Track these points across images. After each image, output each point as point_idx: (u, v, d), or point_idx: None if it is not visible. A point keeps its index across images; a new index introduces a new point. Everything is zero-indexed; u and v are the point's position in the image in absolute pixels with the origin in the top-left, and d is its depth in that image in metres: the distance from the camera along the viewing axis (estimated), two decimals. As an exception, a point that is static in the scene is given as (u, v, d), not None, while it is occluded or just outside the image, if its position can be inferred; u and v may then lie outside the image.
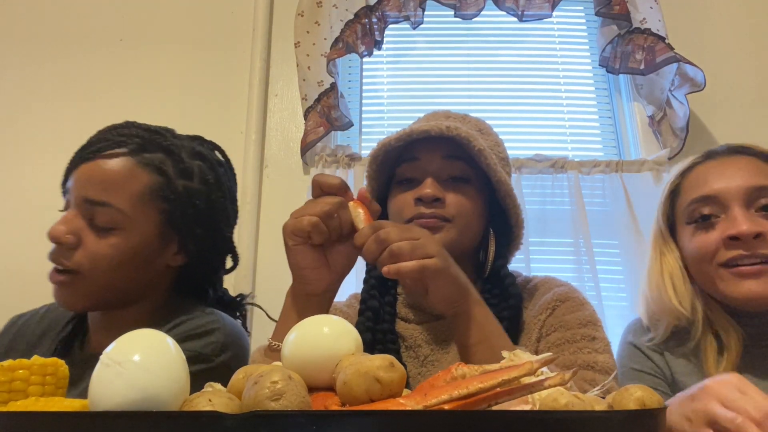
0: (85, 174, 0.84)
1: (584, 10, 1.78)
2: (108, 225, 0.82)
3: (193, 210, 0.89)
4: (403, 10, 1.61)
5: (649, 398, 0.38)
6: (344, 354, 0.45)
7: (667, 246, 0.95)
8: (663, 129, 1.56)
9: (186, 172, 0.89)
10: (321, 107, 1.53)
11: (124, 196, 0.83)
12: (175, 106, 1.63)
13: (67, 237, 0.81)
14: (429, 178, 0.85)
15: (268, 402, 0.35)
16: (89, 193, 0.82)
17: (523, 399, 0.40)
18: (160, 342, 0.41)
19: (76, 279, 0.82)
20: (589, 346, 0.81)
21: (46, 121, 1.61)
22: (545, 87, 1.72)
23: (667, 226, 0.96)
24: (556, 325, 0.85)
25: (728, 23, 1.69)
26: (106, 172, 0.83)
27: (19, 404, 0.41)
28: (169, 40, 1.70)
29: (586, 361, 0.79)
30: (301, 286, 0.74)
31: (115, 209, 0.82)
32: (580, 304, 0.87)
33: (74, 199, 0.84)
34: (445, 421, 0.35)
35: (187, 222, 0.88)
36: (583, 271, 1.46)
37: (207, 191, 0.91)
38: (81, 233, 0.82)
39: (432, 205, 0.84)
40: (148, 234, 0.85)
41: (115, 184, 0.83)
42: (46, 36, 1.70)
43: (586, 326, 0.83)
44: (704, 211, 0.88)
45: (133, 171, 0.85)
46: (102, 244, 0.82)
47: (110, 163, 0.84)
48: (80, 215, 0.83)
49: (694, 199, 0.90)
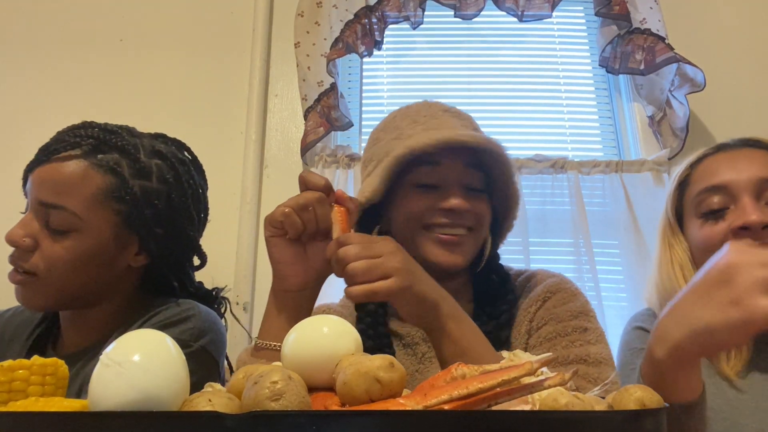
0: (40, 177, 0.84)
1: (584, 10, 1.78)
2: (62, 228, 0.82)
3: (152, 210, 0.88)
4: (403, 10, 1.61)
5: (649, 398, 0.38)
6: (344, 354, 0.45)
7: (675, 238, 0.94)
8: (663, 129, 1.56)
9: (143, 172, 0.88)
10: (321, 107, 1.53)
11: (78, 198, 0.83)
12: (175, 106, 1.63)
13: (24, 240, 0.82)
14: (456, 188, 0.84)
15: (268, 402, 0.35)
16: (43, 196, 0.83)
17: (523, 399, 0.40)
18: (160, 342, 0.41)
19: (34, 280, 0.83)
20: (581, 338, 0.80)
21: (46, 121, 1.61)
22: (545, 87, 1.72)
23: (675, 217, 0.95)
24: (546, 317, 0.84)
25: (728, 23, 1.69)
26: (60, 174, 0.83)
27: (19, 404, 0.41)
28: (169, 41, 1.70)
29: (579, 354, 0.78)
30: (279, 281, 0.74)
31: (68, 212, 0.82)
32: (572, 295, 0.86)
33: (31, 201, 0.85)
34: (445, 421, 0.35)
35: (146, 222, 0.87)
36: (583, 271, 1.46)
37: (167, 190, 0.90)
38: (37, 236, 0.83)
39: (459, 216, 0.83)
40: (104, 236, 0.85)
41: (68, 187, 0.83)
42: (46, 36, 1.70)
43: (577, 318, 0.82)
44: (713, 201, 0.87)
45: (87, 173, 0.84)
46: (57, 247, 0.82)
47: (64, 165, 0.84)
48: (36, 218, 0.84)
49: (703, 189, 0.89)
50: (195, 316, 0.88)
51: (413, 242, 0.84)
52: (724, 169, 0.88)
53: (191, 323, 0.86)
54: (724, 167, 0.88)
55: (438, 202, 0.83)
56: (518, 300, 0.87)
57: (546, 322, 0.84)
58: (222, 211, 1.52)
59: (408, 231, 0.85)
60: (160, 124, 1.60)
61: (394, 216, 0.87)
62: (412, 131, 0.86)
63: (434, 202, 0.84)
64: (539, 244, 1.51)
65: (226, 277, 1.47)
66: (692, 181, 0.93)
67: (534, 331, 0.84)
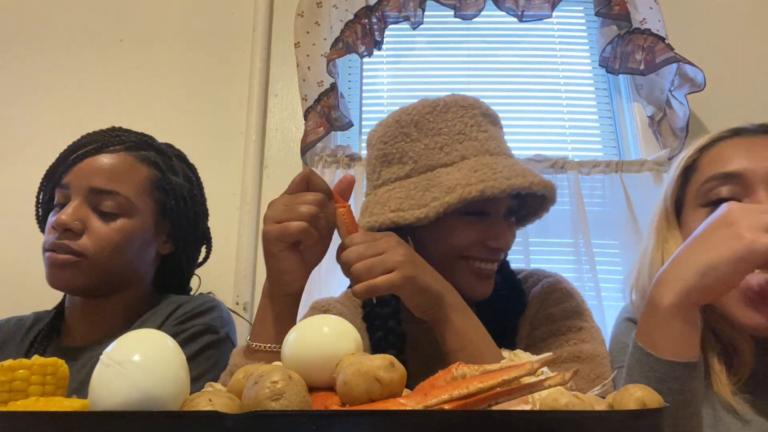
0: (90, 167, 0.93)
1: (584, 10, 1.77)
2: (114, 211, 0.92)
3: (182, 202, 1.01)
4: (403, 10, 1.61)
5: (649, 398, 0.38)
6: (344, 354, 0.45)
7: (670, 232, 0.84)
8: (663, 129, 1.56)
9: (173, 170, 1.02)
10: (321, 107, 1.53)
11: (129, 185, 0.93)
12: (175, 106, 1.63)
13: (75, 223, 0.89)
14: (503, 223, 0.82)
15: (269, 402, 0.35)
16: (96, 183, 0.91)
17: (523, 399, 0.40)
18: (160, 342, 0.41)
19: (80, 261, 0.89)
20: (576, 337, 0.80)
21: (45, 121, 1.61)
22: (545, 87, 1.72)
23: (674, 207, 0.85)
24: (543, 318, 0.84)
25: (728, 23, 1.69)
26: (112, 164, 0.94)
27: (19, 404, 0.41)
28: (169, 41, 1.70)
29: (572, 352, 0.79)
30: (279, 287, 0.73)
31: (122, 197, 0.92)
32: (568, 294, 0.86)
33: (78, 190, 0.92)
34: (445, 421, 0.35)
35: (178, 212, 0.99)
36: (582, 271, 1.46)
37: (189, 187, 1.04)
38: (86, 220, 0.90)
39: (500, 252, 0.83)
40: (147, 221, 0.95)
41: (120, 175, 0.93)
42: (46, 36, 1.70)
43: (572, 317, 0.83)
44: (723, 191, 0.77)
45: (134, 164, 0.96)
46: (107, 228, 0.91)
47: (113, 157, 0.94)
48: (85, 204, 0.91)
49: (713, 176, 0.78)
50: (219, 307, 0.99)
51: (448, 268, 0.80)
52: (740, 156, 0.77)
53: (217, 312, 0.97)
54: (740, 154, 0.78)
55: (486, 239, 0.80)
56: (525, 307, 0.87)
57: (542, 322, 0.84)
58: (222, 211, 1.52)
59: (444, 257, 0.81)
60: (160, 123, 1.61)
61: (429, 236, 0.82)
62: (464, 149, 0.81)
63: (482, 237, 0.80)
64: (539, 244, 1.51)
65: (226, 277, 1.47)
66: (700, 166, 0.82)
67: (531, 332, 0.84)
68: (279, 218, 0.70)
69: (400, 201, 0.80)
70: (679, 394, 0.62)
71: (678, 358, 0.62)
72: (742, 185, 0.76)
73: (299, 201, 0.69)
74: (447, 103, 0.87)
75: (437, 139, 0.82)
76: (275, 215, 0.70)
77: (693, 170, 0.83)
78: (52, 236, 0.90)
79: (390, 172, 0.84)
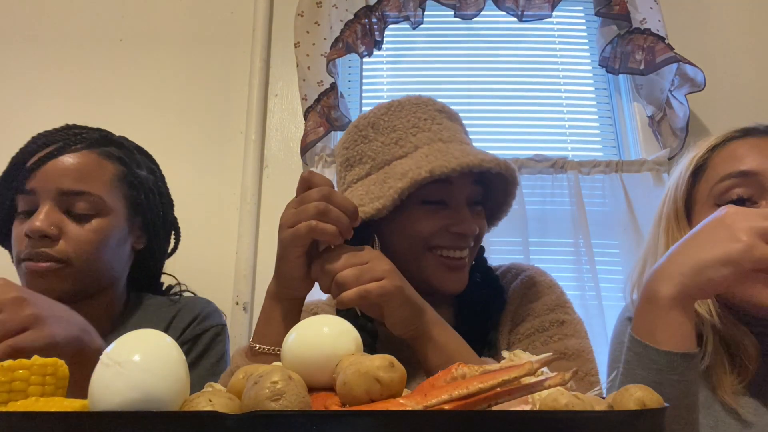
0: (56, 169, 0.89)
1: (584, 10, 1.78)
2: (88, 212, 0.89)
3: (151, 195, 0.99)
4: (402, 10, 1.61)
5: (649, 398, 0.38)
6: (344, 354, 0.45)
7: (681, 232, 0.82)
8: (663, 129, 1.56)
9: (137, 163, 1.00)
10: (321, 107, 1.53)
11: (98, 183, 0.91)
12: (175, 106, 1.63)
13: (51, 228, 0.86)
14: (465, 209, 0.81)
15: (268, 402, 0.35)
16: (65, 184, 0.88)
17: (523, 399, 0.40)
18: (160, 342, 0.41)
19: (62, 268, 0.86)
20: (559, 332, 0.80)
21: (45, 120, 1.61)
22: (545, 87, 1.72)
23: (684, 207, 0.84)
24: (524, 313, 0.83)
25: (728, 23, 1.69)
26: (78, 164, 0.90)
27: (19, 404, 0.41)
28: (169, 41, 1.70)
29: (558, 349, 0.78)
30: (287, 291, 0.73)
31: (93, 196, 0.89)
32: (547, 287, 0.86)
33: (46, 194, 0.88)
34: (445, 421, 0.35)
35: (147, 206, 0.98)
36: (582, 271, 1.46)
37: (154, 179, 1.02)
38: (61, 224, 0.87)
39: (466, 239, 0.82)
40: (120, 218, 0.94)
41: (89, 174, 0.90)
42: (46, 36, 1.70)
43: (554, 311, 0.82)
44: (738, 190, 0.76)
45: (100, 161, 0.93)
46: (83, 230, 0.88)
47: (77, 156, 0.91)
48: (56, 208, 0.88)
49: (727, 175, 0.78)
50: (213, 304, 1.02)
51: (416, 262, 0.81)
52: (755, 156, 0.77)
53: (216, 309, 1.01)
54: (755, 153, 0.77)
55: (449, 225, 0.80)
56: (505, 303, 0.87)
57: (524, 318, 0.83)
58: (222, 211, 1.53)
59: (411, 250, 0.81)
60: (160, 123, 1.61)
61: (394, 231, 0.82)
62: (417, 140, 0.82)
63: (444, 224, 0.80)
64: (539, 244, 1.51)
65: (226, 277, 1.47)
66: (712, 165, 0.82)
67: (514, 329, 0.84)
68: (290, 222, 0.68)
69: (361, 197, 0.80)
70: (677, 385, 0.63)
71: (677, 348, 0.63)
72: (757, 185, 0.76)
73: (305, 201, 0.68)
74: (401, 102, 0.88)
75: (392, 135, 0.83)
76: (287, 221, 0.69)
77: (704, 170, 0.83)
78: (25, 245, 0.86)
79: (352, 174, 0.86)
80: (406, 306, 0.68)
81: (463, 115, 0.95)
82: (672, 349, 0.63)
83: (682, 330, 0.63)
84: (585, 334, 0.83)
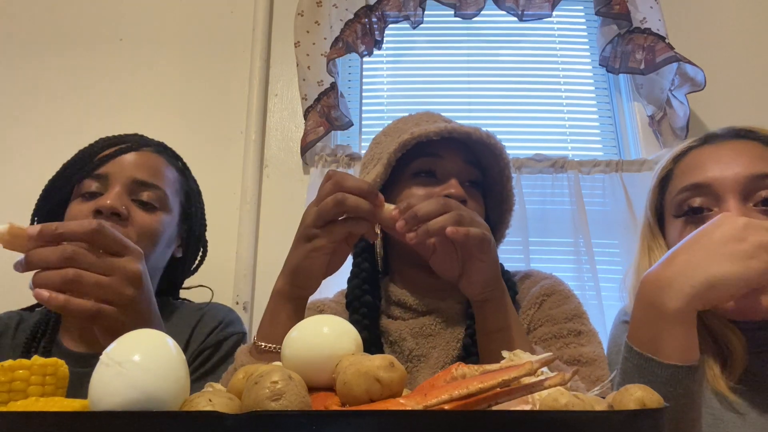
0: (132, 160, 0.94)
1: (584, 9, 1.77)
2: (155, 203, 0.93)
3: (198, 208, 1.05)
4: (402, 9, 1.61)
5: (649, 398, 0.38)
6: (344, 354, 0.45)
7: (655, 241, 0.85)
8: (663, 129, 1.56)
9: (192, 178, 1.06)
10: (321, 107, 1.53)
11: (166, 182, 0.97)
12: (174, 105, 1.63)
13: (122, 208, 0.89)
14: (454, 179, 0.84)
15: (268, 402, 0.35)
16: (140, 175, 0.93)
17: (523, 399, 0.40)
18: (160, 342, 0.41)
19: None
20: (575, 340, 0.81)
21: (45, 120, 1.61)
22: (545, 87, 1.72)
23: (655, 218, 0.86)
24: (542, 319, 0.85)
25: (728, 23, 1.69)
26: (151, 160, 0.96)
27: (19, 404, 0.41)
28: (169, 40, 1.70)
29: (572, 355, 0.80)
30: (298, 290, 0.73)
31: (162, 191, 0.95)
32: (566, 297, 0.87)
33: (119, 179, 0.92)
34: (445, 421, 0.35)
35: (194, 218, 1.03)
36: (583, 270, 1.46)
37: (197, 193, 1.08)
38: (130, 208, 0.91)
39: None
40: (175, 219, 0.99)
41: (160, 172, 0.97)
42: (46, 35, 1.70)
43: (572, 320, 0.84)
44: (695, 202, 0.77)
45: (167, 165, 0.99)
46: (148, 218, 0.92)
47: (150, 155, 0.97)
48: (125, 193, 0.91)
49: (684, 187, 0.79)
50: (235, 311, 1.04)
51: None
52: (709, 165, 0.77)
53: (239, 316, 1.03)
54: (709, 162, 0.78)
55: (438, 192, 0.83)
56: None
57: (542, 323, 0.85)
58: (222, 210, 1.52)
59: None
60: (160, 123, 1.61)
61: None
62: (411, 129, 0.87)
63: (432, 191, 0.84)
64: (539, 244, 1.51)
65: (226, 277, 1.47)
66: (674, 176, 0.83)
67: (530, 332, 0.85)
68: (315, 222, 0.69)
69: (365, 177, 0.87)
70: (682, 398, 0.60)
71: (681, 362, 0.60)
72: (712, 195, 0.76)
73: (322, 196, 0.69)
74: (412, 114, 0.96)
75: (396, 134, 0.89)
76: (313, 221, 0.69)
77: (669, 180, 0.84)
78: None
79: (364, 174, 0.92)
80: (494, 265, 0.69)
81: (464, 114, 0.97)
82: (676, 362, 0.60)
83: (688, 342, 0.61)
84: (599, 344, 0.84)
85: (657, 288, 0.63)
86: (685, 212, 0.79)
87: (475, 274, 0.69)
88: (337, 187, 0.67)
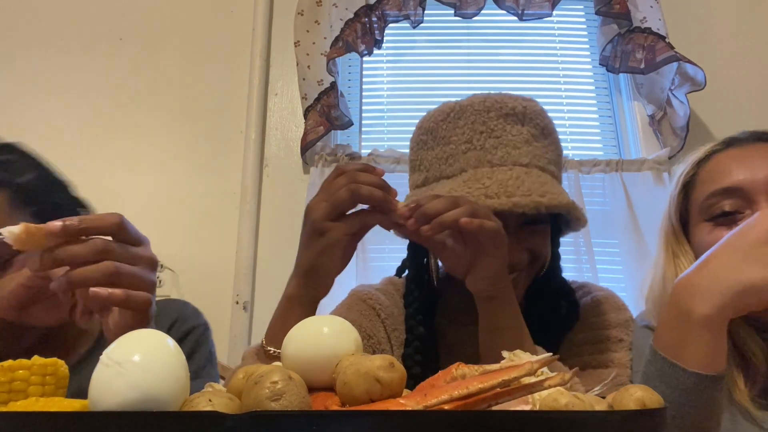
0: None
1: (584, 9, 1.77)
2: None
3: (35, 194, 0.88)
4: (403, 9, 1.61)
5: (649, 398, 0.38)
6: (344, 354, 0.45)
7: (680, 247, 0.82)
8: (663, 128, 1.56)
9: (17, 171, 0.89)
10: (321, 106, 1.53)
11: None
12: (174, 105, 1.63)
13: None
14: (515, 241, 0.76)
15: (268, 402, 0.35)
16: None
17: (523, 399, 0.40)
18: (160, 342, 0.41)
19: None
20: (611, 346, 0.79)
21: (45, 119, 1.61)
22: (545, 86, 1.72)
23: (680, 223, 0.84)
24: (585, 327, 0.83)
25: (728, 22, 1.69)
26: None
27: (19, 404, 0.41)
28: (169, 40, 1.70)
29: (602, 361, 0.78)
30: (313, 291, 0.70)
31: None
32: (617, 308, 0.85)
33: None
34: (445, 421, 0.35)
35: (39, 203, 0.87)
36: (583, 270, 1.46)
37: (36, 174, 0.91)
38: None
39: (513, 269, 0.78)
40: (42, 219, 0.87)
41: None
42: (46, 35, 1.70)
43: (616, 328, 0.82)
44: (725, 206, 0.76)
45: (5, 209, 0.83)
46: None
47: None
48: None
49: (713, 192, 0.77)
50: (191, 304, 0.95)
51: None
52: (737, 168, 0.77)
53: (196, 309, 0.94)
54: (737, 166, 0.77)
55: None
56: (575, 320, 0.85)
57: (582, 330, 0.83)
58: (222, 210, 1.53)
59: None
60: (160, 123, 1.61)
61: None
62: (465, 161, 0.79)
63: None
64: (539, 244, 1.51)
65: (226, 276, 1.47)
66: (699, 181, 0.82)
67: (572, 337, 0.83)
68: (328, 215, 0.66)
69: None
70: (703, 407, 0.59)
71: (705, 370, 0.59)
72: (743, 198, 0.75)
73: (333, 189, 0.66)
74: (462, 107, 0.86)
75: (445, 149, 0.82)
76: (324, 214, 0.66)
77: (692, 186, 0.83)
78: None
79: (413, 179, 0.85)
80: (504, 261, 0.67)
81: (463, 114, 0.93)
82: (701, 371, 0.59)
83: (715, 350, 0.59)
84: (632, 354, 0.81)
85: (687, 294, 0.61)
86: (715, 216, 0.77)
87: (485, 269, 0.67)
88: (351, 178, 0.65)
